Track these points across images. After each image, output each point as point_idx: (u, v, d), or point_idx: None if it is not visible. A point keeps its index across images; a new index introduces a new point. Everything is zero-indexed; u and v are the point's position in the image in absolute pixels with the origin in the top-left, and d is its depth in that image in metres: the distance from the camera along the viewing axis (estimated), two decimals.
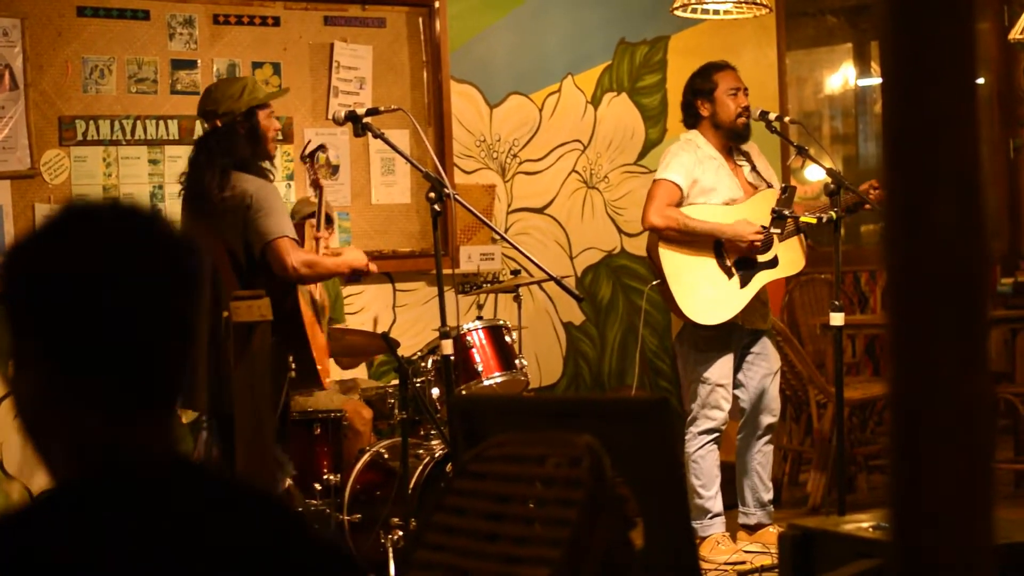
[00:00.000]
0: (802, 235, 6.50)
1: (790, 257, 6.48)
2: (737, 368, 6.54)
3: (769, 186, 6.53)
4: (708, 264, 6.35)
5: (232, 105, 5.49)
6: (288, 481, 5.66)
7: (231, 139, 5.47)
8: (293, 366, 5.40)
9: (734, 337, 6.47)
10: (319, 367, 5.54)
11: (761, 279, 6.40)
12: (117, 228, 1.78)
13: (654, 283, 6.51)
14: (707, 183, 6.40)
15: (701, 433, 6.45)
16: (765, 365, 6.55)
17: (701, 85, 6.52)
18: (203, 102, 5.55)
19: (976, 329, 1.14)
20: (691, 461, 6.46)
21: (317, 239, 5.69)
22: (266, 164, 5.56)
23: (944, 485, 1.13)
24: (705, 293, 6.33)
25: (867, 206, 6.33)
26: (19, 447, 6.47)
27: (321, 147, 5.91)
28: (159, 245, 1.79)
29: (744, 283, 6.37)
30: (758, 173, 6.58)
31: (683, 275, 6.32)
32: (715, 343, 6.44)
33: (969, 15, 1.13)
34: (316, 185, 5.86)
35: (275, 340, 5.33)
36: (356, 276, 5.67)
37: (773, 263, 6.42)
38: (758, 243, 6.31)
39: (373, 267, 5.68)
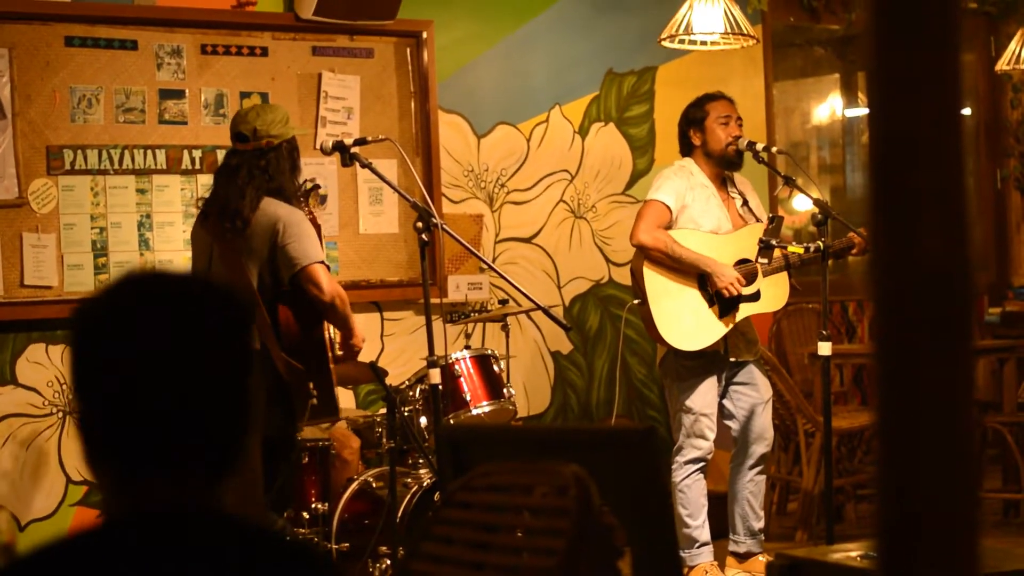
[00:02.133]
0: (787, 272, 6.50)
1: (772, 293, 6.48)
2: (726, 398, 6.54)
3: (759, 221, 6.55)
4: (690, 290, 6.36)
5: (282, 129, 5.49)
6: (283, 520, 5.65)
7: (280, 163, 5.47)
8: (315, 393, 5.39)
9: (716, 366, 6.47)
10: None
11: (741, 312, 6.41)
12: (157, 300, 1.85)
13: (634, 302, 6.52)
14: (696, 211, 6.42)
15: (687, 463, 6.44)
16: (754, 394, 6.54)
17: (693, 114, 6.57)
18: (248, 121, 5.49)
19: (962, 359, 1.14)
20: (677, 491, 6.45)
21: None
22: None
23: (931, 514, 1.13)
24: (684, 318, 6.34)
25: (854, 251, 6.39)
26: (7, 475, 6.45)
27: (316, 186, 5.93)
28: (200, 318, 1.85)
29: (723, 313, 6.38)
30: (750, 208, 6.59)
31: (665, 298, 6.33)
32: (697, 372, 6.44)
33: (954, 47, 1.14)
34: (312, 223, 5.88)
35: (297, 366, 5.34)
36: (349, 352, 5.67)
37: (755, 297, 6.43)
38: (732, 291, 6.31)
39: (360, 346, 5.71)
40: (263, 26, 7.13)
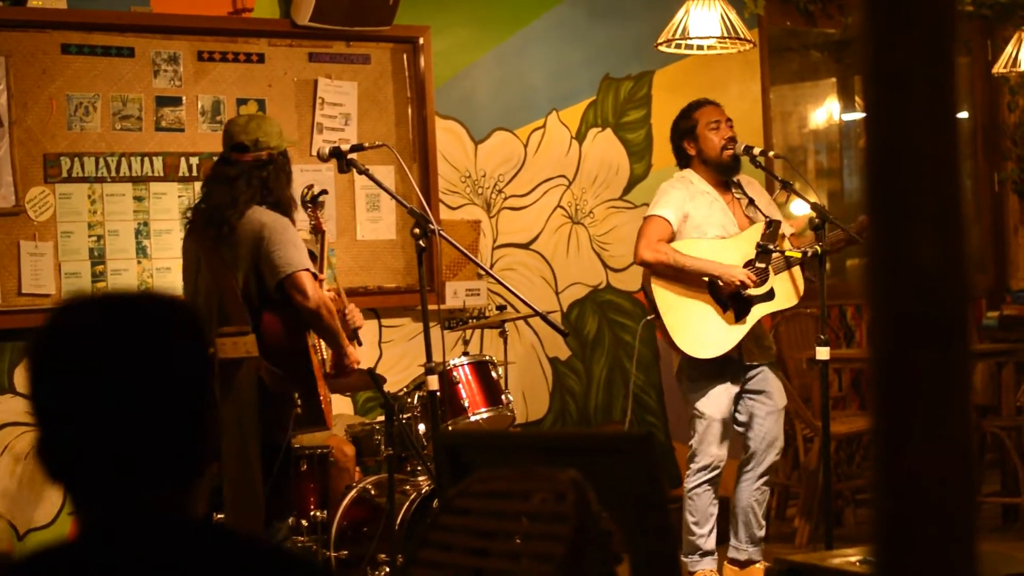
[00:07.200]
0: (796, 268, 6.48)
1: (785, 289, 6.46)
2: (740, 405, 6.52)
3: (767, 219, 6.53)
4: (702, 298, 6.35)
5: (278, 141, 5.50)
6: (287, 525, 5.65)
7: (279, 175, 5.48)
8: (299, 402, 5.39)
9: (730, 371, 6.44)
10: (324, 406, 5.54)
11: (758, 312, 6.39)
12: (100, 322, 1.88)
13: (649, 317, 6.50)
14: (699, 218, 6.40)
15: (699, 470, 6.43)
16: (768, 403, 6.51)
17: (684, 125, 6.56)
18: (248, 132, 5.50)
19: (959, 363, 1.14)
20: (687, 497, 6.45)
21: (320, 281, 5.71)
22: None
23: (928, 519, 1.13)
24: (699, 327, 6.33)
25: (841, 244, 6.35)
26: (5, 484, 6.44)
27: (323, 192, 5.94)
28: (140, 339, 1.87)
29: (740, 317, 6.36)
30: (756, 208, 6.56)
31: (676, 310, 6.32)
32: (709, 377, 6.41)
33: (949, 52, 1.14)
34: (318, 230, 5.88)
35: (280, 375, 5.33)
36: (341, 371, 5.68)
37: (769, 296, 6.41)
38: (749, 284, 6.30)
39: (355, 366, 5.72)
40: (260, 32, 7.12)
